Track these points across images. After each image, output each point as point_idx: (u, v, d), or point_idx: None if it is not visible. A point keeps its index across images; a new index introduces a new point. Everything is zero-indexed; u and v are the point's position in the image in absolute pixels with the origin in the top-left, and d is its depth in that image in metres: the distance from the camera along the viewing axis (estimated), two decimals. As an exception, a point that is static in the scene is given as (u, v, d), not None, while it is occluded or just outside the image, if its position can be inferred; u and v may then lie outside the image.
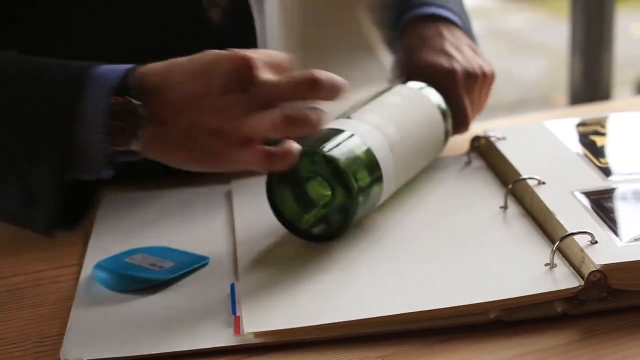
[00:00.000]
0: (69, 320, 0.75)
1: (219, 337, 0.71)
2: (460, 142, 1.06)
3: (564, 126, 1.03)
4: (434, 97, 0.97)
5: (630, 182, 0.88)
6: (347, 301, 0.74)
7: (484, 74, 1.02)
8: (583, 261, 0.74)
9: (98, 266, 0.81)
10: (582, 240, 0.76)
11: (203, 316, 0.74)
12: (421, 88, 0.97)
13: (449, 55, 1.01)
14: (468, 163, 1.00)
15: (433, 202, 0.91)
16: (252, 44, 1.04)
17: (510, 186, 0.88)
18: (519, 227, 0.84)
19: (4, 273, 0.84)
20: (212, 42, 1.01)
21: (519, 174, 0.90)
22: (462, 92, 1.00)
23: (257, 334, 0.71)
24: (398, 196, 0.91)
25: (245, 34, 1.03)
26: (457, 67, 1.00)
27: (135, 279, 0.79)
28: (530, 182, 0.88)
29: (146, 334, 0.73)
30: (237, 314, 0.73)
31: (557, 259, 0.77)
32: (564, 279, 0.74)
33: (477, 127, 1.05)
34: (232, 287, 0.77)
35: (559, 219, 0.80)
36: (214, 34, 1.01)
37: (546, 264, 0.76)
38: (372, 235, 0.84)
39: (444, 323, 0.72)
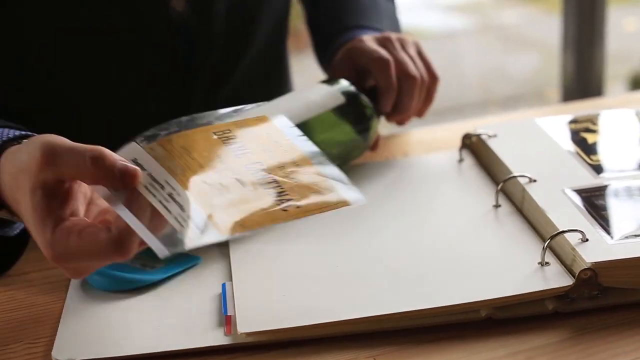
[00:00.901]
0: (61, 320, 0.75)
1: (210, 337, 0.71)
2: (451, 139, 1.06)
3: (555, 123, 1.03)
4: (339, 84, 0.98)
5: (622, 180, 0.88)
6: (339, 300, 0.74)
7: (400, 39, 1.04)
8: (574, 259, 0.74)
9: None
10: (573, 238, 0.76)
11: (195, 316, 0.74)
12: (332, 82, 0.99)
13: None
14: (459, 161, 1.00)
15: (424, 201, 0.91)
16: (212, 34, 1.04)
17: (501, 184, 0.89)
18: (510, 225, 0.84)
19: (-6, 273, 0.84)
20: (173, 32, 1.02)
21: (510, 172, 0.90)
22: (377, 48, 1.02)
23: (249, 334, 0.71)
24: (390, 194, 0.92)
25: (207, 24, 1.04)
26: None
27: (127, 280, 0.79)
28: (522, 180, 0.88)
29: (138, 334, 0.73)
30: (229, 314, 0.73)
31: (549, 257, 0.77)
32: (555, 277, 0.74)
33: (469, 125, 1.05)
34: (224, 287, 0.77)
35: (549, 216, 0.80)
36: (175, 23, 1.02)
37: (538, 263, 0.76)
38: (364, 235, 0.84)
39: (435, 321, 0.72)
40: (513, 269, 0.76)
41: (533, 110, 1.34)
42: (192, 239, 0.66)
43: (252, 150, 0.74)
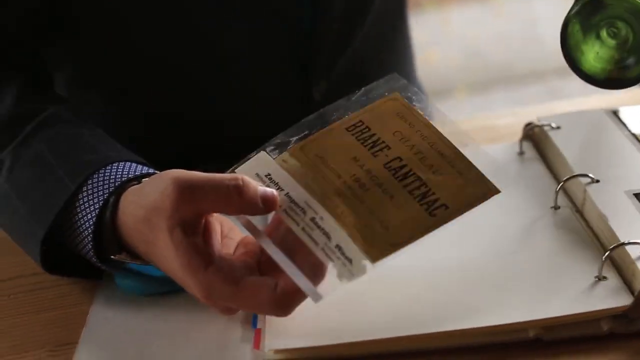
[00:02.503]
0: (85, 327, 0.72)
1: (237, 352, 0.68)
2: (512, 129, 1.00)
3: (626, 115, 0.95)
4: None
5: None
6: (377, 317, 0.69)
7: None
8: (634, 275, 0.68)
9: (122, 268, 0.77)
10: (634, 251, 0.70)
11: (223, 328, 0.70)
12: None
13: None
14: (520, 153, 0.93)
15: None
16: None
17: (560, 184, 0.82)
18: (568, 231, 0.78)
19: (24, 271, 0.81)
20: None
21: (571, 170, 0.83)
22: None
23: (278, 351, 0.66)
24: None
25: None
26: None
27: (162, 280, 0.75)
28: (583, 180, 0.81)
29: (162, 346, 0.69)
30: (259, 327, 0.69)
31: (608, 270, 0.71)
32: (612, 295, 0.68)
33: (531, 114, 0.99)
34: (256, 296, 0.73)
35: (610, 224, 0.74)
36: None
37: (595, 276, 0.70)
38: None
39: (479, 341, 0.67)
40: (567, 283, 0.70)
41: (605, 97, 1.26)
42: (343, 276, 0.65)
43: (389, 142, 0.72)
